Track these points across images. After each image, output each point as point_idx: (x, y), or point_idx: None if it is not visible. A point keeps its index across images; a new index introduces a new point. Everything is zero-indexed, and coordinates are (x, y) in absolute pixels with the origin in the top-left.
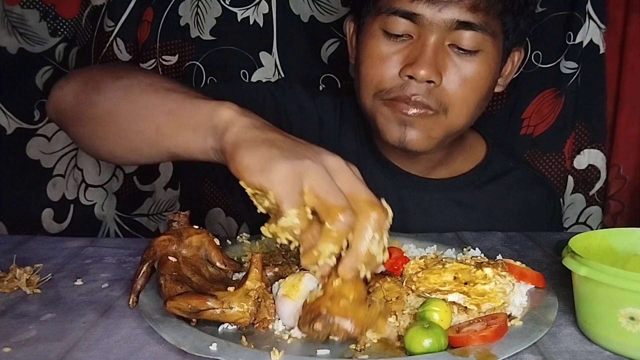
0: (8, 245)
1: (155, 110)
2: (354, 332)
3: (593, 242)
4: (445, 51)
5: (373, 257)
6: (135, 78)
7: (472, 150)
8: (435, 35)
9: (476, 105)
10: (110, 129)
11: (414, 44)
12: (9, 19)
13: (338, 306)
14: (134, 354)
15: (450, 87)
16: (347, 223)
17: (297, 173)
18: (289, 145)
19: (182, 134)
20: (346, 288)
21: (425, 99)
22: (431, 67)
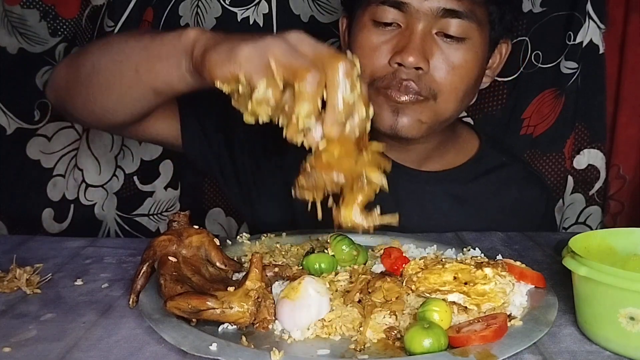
0: (8, 245)
1: (131, 53)
2: (341, 181)
3: (593, 242)
4: (433, 39)
5: (352, 107)
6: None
7: (464, 144)
8: (422, 23)
9: (464, 92)
10: (96, 84)
11: (402, 33)
12: (9, 19)
13: (321, 161)
14: (134, 354)
15: (438, 74)
16: (315, 79)
17: (260, 49)
18: (249, 36)
19: (159, 66)
20: (332, 145)
21: (416, 85)
22: (419, 53)
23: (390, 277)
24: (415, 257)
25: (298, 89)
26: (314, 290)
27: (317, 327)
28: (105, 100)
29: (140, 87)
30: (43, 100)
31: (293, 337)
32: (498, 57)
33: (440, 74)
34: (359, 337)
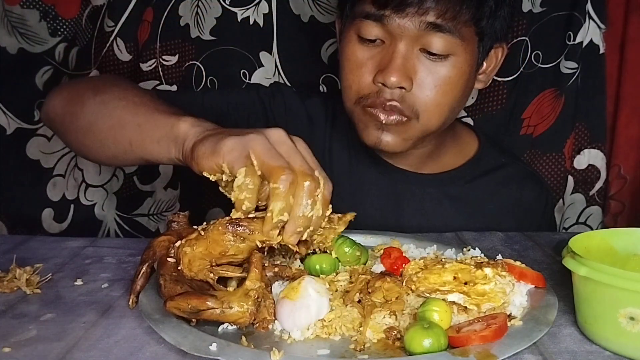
0: (8, 245)
1: (127, 125)
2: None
3: (593, 242)
4: (416, 56)
5: (309, 220)
6: (112, 93)
7: (463, 146)
8: (404, 40)
9: (449, 107)
10: (92, 140)
11: (385, 50)
12: (9, 19)
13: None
14: (134, 354)
15: (422, 92)
16: (288, 180)
17: (242, 143)
18: (234, 130)
19: (150, 146)
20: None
21: (399, 104)
22: (401, 73)
23: (390, 277)
24: (415, 257)
25: (273, 187)
26: (313, 290)
27: (317, 327)
28: (99, 155)
29: (132, 155)
30: (43, 100)
31: (293, 337)
32: (493, 61)
33: (423, 93)
34: (359, 337)
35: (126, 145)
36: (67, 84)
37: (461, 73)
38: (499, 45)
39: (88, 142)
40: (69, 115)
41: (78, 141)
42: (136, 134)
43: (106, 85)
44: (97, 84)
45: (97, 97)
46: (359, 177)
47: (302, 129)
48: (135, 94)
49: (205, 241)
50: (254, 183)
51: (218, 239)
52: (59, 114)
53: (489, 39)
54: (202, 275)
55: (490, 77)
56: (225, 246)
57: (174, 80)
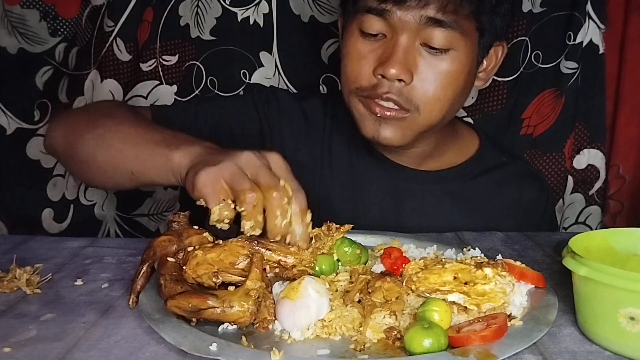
0: (8, 245)
1: (126, 158)
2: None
3: (593, 242)
4: (417, 50)
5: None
6: (106, 126)
7: (464, 144)
8: (406, 34)
9: (449, 101)
10: (94, 170)
11: (387, 43)
12: (9, 19)
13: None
14: (134, 354)
15: (422, 86)
16: (252, 201)
17: (213, 174)
18: (212, 157)
19: (152, 175)
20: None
21: (397, 97)
22: (401, 66)
23: (390, 277)
24: (415, 257)
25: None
26: (313, 291)
27: (317, 327)
28: (103, 183)
29: (135, 182)
30: (43, 100)
31: (293, 337)
32: (493, 60)
33: (423, 86)
34: (359, 337)
35: (128, 174)
36: (64, 116)
37: (462, 67)
38: (499, 43)
39: (91, 174)
40: (69, 148)
41: (82, 172)
42: (136, 165)
43: (101, 118)
44: (92, 117)
45: (93, 131)
46: (359, 174)
47: (299, 131)
48: (130, 123)
49: (221, 249)
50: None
51: (234, 250)
52: (60, 147)
53: (489, 36)
54: (205, 279)
55: (490, 75)
56: (238, 259)
57: (174, 80)
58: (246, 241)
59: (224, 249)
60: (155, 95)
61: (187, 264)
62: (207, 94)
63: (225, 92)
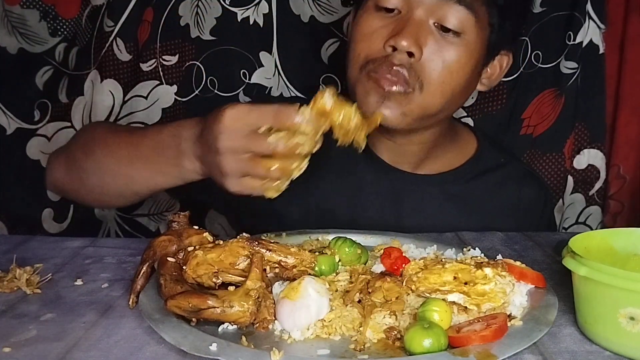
0: (8, 245)
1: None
2: None
3: (593, 242)
4: (429, 28)
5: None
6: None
7: (463, 145)
8: (421, 9)
9: (452, 88)
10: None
11: (400, 18)
12: (9, 19)
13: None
14: (134, 354)
15: (429, 64)
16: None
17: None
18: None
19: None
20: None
21: (405, 71)
22: (412, 39)
23: (390, 277)
24: (415, 257)
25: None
26: (313, 290)
27: (317, 327)
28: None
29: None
30: (43, 100)
31: (293, 337)
32: (498, 69)
33: (430, 65)
34: (359, 337)
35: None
36: (59, 151)
37: (470, 56)
38: (505, 52)
39: (99, 197)
40: (71, 180)
41: (93, 199)
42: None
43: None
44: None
45: (90, 159)
46: (357, 178)
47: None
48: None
49: (221, 249)
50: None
51: (234, 250)
52: (64, 184)
53: (497, 36)
54: (205, 279)
55: (492, 83)
56: (238, 259)
57: (174, 80)
58: (246, 242)
59: (224, 249)
60: (155, 95)
61: (187, 264)
62: (207, 94)
63: (225, 92)
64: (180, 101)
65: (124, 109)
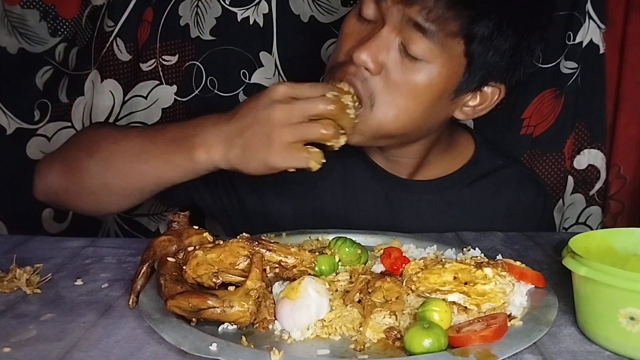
0: (8, 245)
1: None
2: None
3: (593, 242)
4: (394, 47)
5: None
6: (104, 149)
7: (459, 150)
8: (389, 26)
9: (409, 114)
10: (106, 197)
11: (371, 30)
12: (9, 19)
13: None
14: (134, 354)
15: (384, 83)
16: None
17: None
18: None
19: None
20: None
21: (359, 83)
22: (372, 54)
23: (390, 277)
24: (415, 257)
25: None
26: (313, 291)
27: (317, 327)
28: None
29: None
30: (43, 100)
31: (293, 337)
32: (487, 100)
33: (385, 84)
34: (359, 337)
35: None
36: (53, 156)
37: (430, 84)
38: (495, 85)
39: (105, 201)
40: (71, 184)
41: (93, 202)
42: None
43: (95, 143)
44: (85, 145)
45: (94, 158)
46: (352, 185)
47: None
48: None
49: (221, 250)
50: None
51: (234, 250)
52: (60, 188)
53: (480, 68)
54: (205, 279)
55: (477, 114)
56: (238, 259)
57: (174, 80)
58: (246, 242)
59: (224, 250)
60: (155, 95)
61: (187, 264)
62: (207, 94)
63: (225, 93)
64: (180, 101)
65: (124, 109)
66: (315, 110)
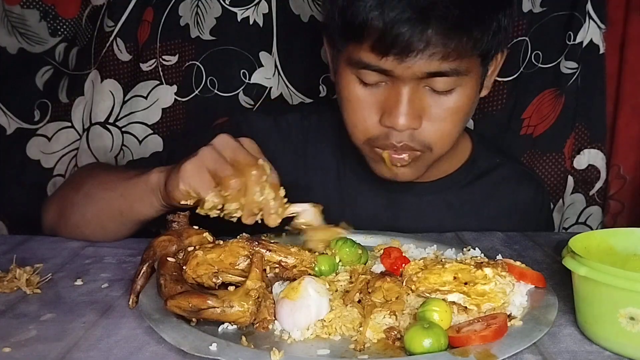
0: (8, 245)
1: (112, 201)
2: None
3: (593, 242)
4: (422, 93)
5: (262, 203)
6: (90, 184)
7: (458, 149)
8: (408, 85)
9: (459, 132)
10: (92, 228)
11: (389, 91)
12: (9, 19)
13: None
14: (134, 354)
15: (432, 126)
16: (236, 187)
17: (197, 165)
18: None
19: (138, 207)
20: None
21: (410, 142)
22: (409, 115)
23: (390, 277)
24: (415, 257)
25: (225, 193)
26: (313, 290)
27: (317, 327)
28: (105, 236)
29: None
30: (43, 100)
31: (293, 337)
32: (493, 65)
33: (433, 127)
34: (359, 337)
35: (119, 217)
36: (54, 193)
37: (469, 100)
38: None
39: (90, 232)
40: (63, 218)
41: (82, 234)
42: (122, 203)
43: (83, 179)
44: (75, 182)
45: (79, 193)
46: (349, 188)
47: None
48: (108, 173)
49: (221, 250)
50: (219, 204)
51: (234, 250)
52: (56, 222)
53: (491, 57)
54: (205, 279)
55: (492, 80)
56: (238, 259)
57: (174, 80)
58: (246, 242)
59: (224, 250)
60: (155, 95)
61: (187, 264)
62: (207, 94)
63: (225, 92)
64: (180, 101)
65: (124, 109)
66: (221, 171)
